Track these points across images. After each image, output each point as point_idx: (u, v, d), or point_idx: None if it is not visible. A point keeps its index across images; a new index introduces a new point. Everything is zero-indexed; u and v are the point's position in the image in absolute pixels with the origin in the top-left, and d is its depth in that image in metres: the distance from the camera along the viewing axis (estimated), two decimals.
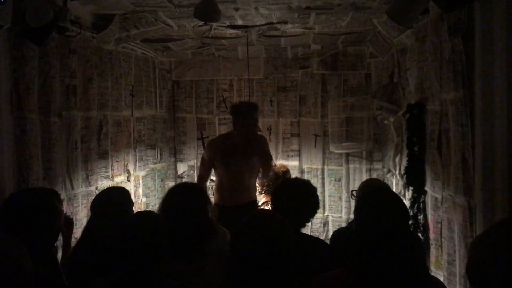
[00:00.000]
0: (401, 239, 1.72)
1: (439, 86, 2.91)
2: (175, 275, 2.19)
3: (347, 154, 5.18)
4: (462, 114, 2.53)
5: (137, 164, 4.65)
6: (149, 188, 4.96)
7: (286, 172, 4.33)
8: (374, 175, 5.05)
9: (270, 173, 4.07)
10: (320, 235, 5.13)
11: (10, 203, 2.15)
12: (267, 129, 5.37)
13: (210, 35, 4.39)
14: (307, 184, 2.59)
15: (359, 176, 5.15)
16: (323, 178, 5.25)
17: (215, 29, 4.15)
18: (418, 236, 3.27)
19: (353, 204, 3.18)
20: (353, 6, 3.46)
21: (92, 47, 3.70)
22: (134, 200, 4.42)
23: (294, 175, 4.87)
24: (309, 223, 2.56)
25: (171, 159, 5.53)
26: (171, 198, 2.46)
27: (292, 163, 5.22)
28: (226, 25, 4.00)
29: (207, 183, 4.17)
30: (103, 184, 3.87)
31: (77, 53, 3.46)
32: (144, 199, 4.82)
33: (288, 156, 5.34)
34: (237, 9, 3.51)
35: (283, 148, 5.37)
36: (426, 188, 3.28)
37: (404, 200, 3.70)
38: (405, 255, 1.70)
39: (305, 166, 5.32)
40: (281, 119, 5.38)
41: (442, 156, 2.91)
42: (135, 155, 4.60)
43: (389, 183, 4.56)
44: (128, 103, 4.46)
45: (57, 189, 3.06)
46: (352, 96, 5.12)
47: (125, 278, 1.85)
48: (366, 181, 3.24)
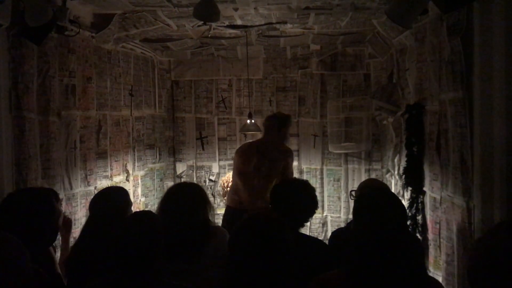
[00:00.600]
0: (399, 239, 1.72)
1: (438, 86, 2.91)
2: (173, 275, 2.19)
3: (346, 154, 5.19)
4: (461, 114, 2.53)
5: (136, 163, 4.64)
6: (148, 188, 4.95)
7: None
8: (373, 175, 5.06)
9: None
10: (319, 235, 5.14)
11: (8, 203, 2.14)
12: None
13: (210, 35, 4.39)
14: (306, 184, 2.59)
15: (358, 176, 5.15)
16: (322, 178, 5.26)
17: (214, 29, 4.15)
18: (417, 236, 3.27)
19: (352, 204, 3.18)
20: (352, 7, 3.46)
21: (91, 47, 3.70)
22: (133, 200, 4.42)
23: (293, 175, 4.87)
24: (308, 223, 2.55)
25: (170, 159, 5.53)
26: (170, 198, 2.45)
27: None
28: (225, 25, 4.00)
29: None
30: (102, 183, 3.87)
31: (76, 53, 3.46)
32: (143, 199, 4.81)
33: None
34: (236, 9, 3.51)
35: None
36: (424, 189, 3.28)
37: (402, 201, 3.71)
38: (403, 256, 1.69)
39: (304, 166, 5.32)
40: None
41: (441, 157, 2.92)
42: (134, 154, 4.60)
43: (388, 183, 4.56)
44: (127, 103, 4.45)
45: (56, 189, 3.05)
46: (351, 97, 5.13)
47: (123, 278, 1.85)
48: (365, 181, 3.24)
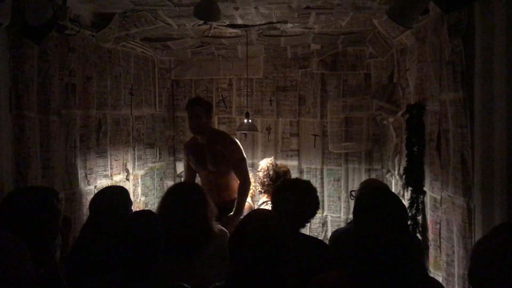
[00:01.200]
0: (400, 239, 1.72)
1: (438, 86, 2.91)
2: (173, 275, 2.19)
3: (346, 154, 5.18)
4: (461, 115, 2.53)
5: (136, 163, 4.64)
6: (148, 187, 4.95)
7: (287, 172, 4.32)
8: (373, 175, 5.05)
9: (247, 182, 4.02)
10: (319, 235, 5.13)
11: (9, 202, 2.14)
12: (266, 129, 5.37)
13: (210, 34, 4.38)
14: (307, 184, 2.59)
15: (358, 176, 5.15)
16: (322, 178, 5.25)
17: (214, 28, 4.15)
18: (417, 236, 3.27)
19: (352, 204, 3.18)
20: (353, 6, 3.46)
21: (91, 46, 3.70)
22: (133, 199, 4.42)
23: (293, 175, 4.87)
24: (308, 223, 2.55)
25: (170, 158, 5.52)
26: (170, 198, 2.46)
27: (291, 163, 5.22)
28: (226, 24, 4.00)
29: None
30: (102, 183, 3.86)
31: (76, 52, 3.45)
32: (143, 198, 4.81)
33: (287, 156, 5.34)
34: (237, 8, 3.50)
35: (282, 148, 5.37)
36: (425, 189, 3.28)
37: (403, 201, 3.71)
38: (403, 256, 1.69)
39: (304, 166, 5.32)
40: (280, 119, 5.38)
41: (441, 157, 2.91)
42: (134, 154, 4.60)
43: (388, 183, 4.56)
44: (127, 102, 4.45)
45: (56, 188, 3.05)
46: (351, 96, 5.12)
47: (123, 277, 1.85)
48: (365, 181, 3.24)
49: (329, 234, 4.96)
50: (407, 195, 3.55)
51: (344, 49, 5.06)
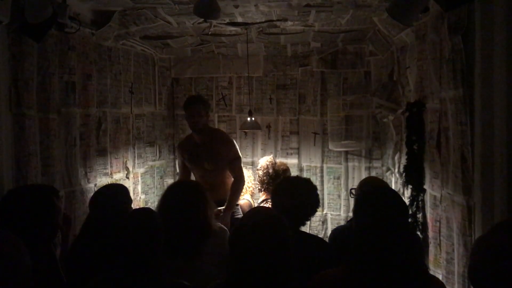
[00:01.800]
0: (400, 237, 1.72)
1: (438, 84, 2.91)
2: (173, 272, 2.20)
3: (346, 152, 5.18)
4: (461, 112, 2.53)
5: (136, 161, 4.64)
6: (148, 185, 4.95)
7: (286, 170, 4.33)
8: (373, 173, 5.05)
9: (241, 181, 4.03)
10: (319, 233, 5.14)
11: (8, 200, 2.14)
12: (266, 127, 5.37)
13: (210, 32, 4.38)
14: (307, 182, 2.58)
15: (358, 174, 5.15)
16: (322, 176, 5.25)
17: (214, 26, 4.15)
18: (417, 234, 3.27)
19: (352, 202, 3.18)
20: (353, 4, 3.45)
21: (91, 44, 3.69)
22: (133, 197, 4.41)
23: (293, 173, 4.88)
24: (308, 221, 2.55)
25: (170, 156, 5.52)
26: (170, 196, 2.46)
27: (291, 161, 5.22)
28: (225, 22, 4.00)
29: None
30: (102, 181, 3.86)
31: (76, 50, 3.45)
32: (143, 196, 4.81)
33: (287, 154, 5.34)
34: (236, 6, 3.50)
35: (282, 146, 5.37)
36: (425, 187, 3.28)
37: (403, 199, 3.71)
38: (403, 254, 1.70)
39: (304, 164, 5.31)
40: (280, 117, 5.38)
41: (441, 155, 2.91)
42: (134, 152, 4.59)
43: (388, 181, 4.57)
44: (127, 100, 4.45)
45: (56, 186, 3.05)
46: (351, 94, 5.11)
47: (123, 275, 1.85)
48: (365, 179, 3.24)
49: (329, 232, 4.96)
50: (407, 193, 3.55)
51: (344, 47, 5.06)
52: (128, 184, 4.38)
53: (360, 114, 5.08)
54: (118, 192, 2.61)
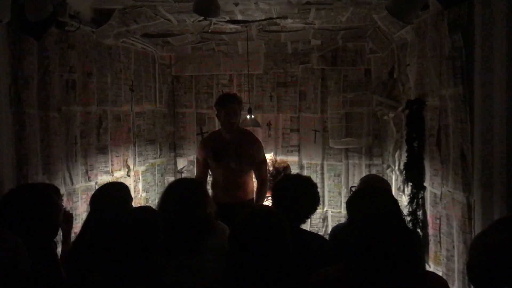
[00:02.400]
0: (394, 234, 1.72)
1: (438, 82, 2.91)
2: (174, 270, 2.20)
3: (347, 150, 5.19)
4: (461, 110, 2.53)
5: (137, 159, 4.65)
6: (148, 183, 4.96)
7: (287, 168, 4.33)
8: (374, 171, 5.06)
9: (266, 183, 3.91)
10: (320, 230, 5.15)
11: (9, 199, 2.15)
12: (267, 124, 5.37)
13: (210, 30, 4.38)
14: (308, 180, 2.59)
15: (359, 171, 5.15)
16: (322, 174, 5.26)
17: (214, 24, 4.14)
18: (417, 231, 3.28)
19: None
20: (353, 2, 3.45)
21: (91, 42, 3.70)
22: (134, 195, 4.43)
23: (294, 171, 4.88)
24: (308, 219, 2.56)
25: (171, 154, 5.53)
26: (170, 194, 2.46)
27: (291, 159, 5.23)
28: (225, 20, 3.99)
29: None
30: (103, 179, 3.87)
31: (76, 48, 3.45)
32: (143, 194, 4.82)
33: (287, 151, 5.35)
34: (236, 4, 3.49)
35: (282, 144, 5.38)
36: (425, 184, 3.29)
37: (403, 196, 3.72)
38: (399, 251, 1.70)
39: (304, 162, 5.32)
40: (280, 114, 5.38)
41: (441, 152, 2.92)
42: (135, 150, 4.60)
43: (388, 178, 4.57)
44: (128, 98, 4.45)
45: (57, 184, 3.06)
46: (351, 92, 5.12)
47: (123, 273, 1.85)
48: (365, 177, 3.23)
49: (329, 229, 4.97)
50: (408, 190, 3.56)
51: (344, 44, 5.05)
52: (129, 182, 4.39)
53: (361, 111, 5.09)
54: (119, 191, 2.61)
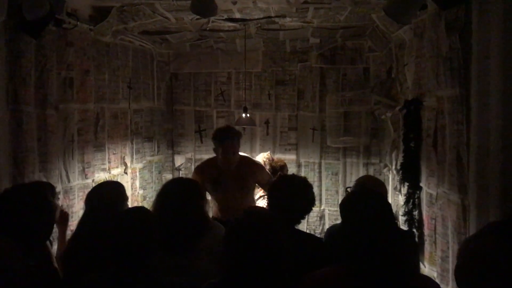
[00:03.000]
0: (387, 237, 1.73)
1: (436, 82, 2.91)
2: (170, 270, 2.21)
3: (345, 149, 5.19)
4: (458, 111, 2.53)
5: (134, 156, 4.65)
6: (146, 180, 4.97)
7: (283, 166, 4.34)
8: (371, 170, 5.07)
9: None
10: (316, 229, 5.16)
11: (4, 199, 2.15)
12: (265, 123, 5.38)
13: (208, 28, 4.37)
14: (304, 181, 2.59)
15: (356, 170, 5.16)
16: (320, 172, 5.27)
17: (213, 22, 4.14)
18: (413, 231, 3.29)
19: None
20: (351, 1, 3.45)
21: (89, 40, 3.69)
22: (131, 192, 4.44)
23: (291, 169, 4.89)
24: (304, 219, 2.56)
25: (169, 151, 5.53)
26: (166, 193, 2.46)
27: (289, 157, 5.24)
28: (224, 18, 3.99)
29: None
30: (100, 176, 3.88)
31: (74, 46, 3.44)
32: (141, 192, 4.83)
33: (285, 150, 5.35)
34: (234, 3, 3.49)
35: (280, 142, 5.38)
36: (421, 184, 3.29)
37: (399, 196, 3.73)
38: (394, 252, 1.71)
39: (302, 160, 5.33)
40: (279, 112, 5.38)
41: (437, 153, 2.92)
42: (132, 147, 4.60)
43: (385, 178, 4.58)
44: (126, 96, 4.45)
45: (53, 182, 3.07)
46: (350, 91, 5.12)
47: (118, 273, 1.86)
48: (361, 178, 3.24)
49: (326, 227, 4.98)
50: (404, 190, 3.56)
51: (343, 43, 5.05)
52: (126, 180, 4.40)
53: (359, 110, 5.09)
54: (114, 189, 2.61)
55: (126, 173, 4.43)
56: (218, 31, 4.54)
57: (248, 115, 4.58)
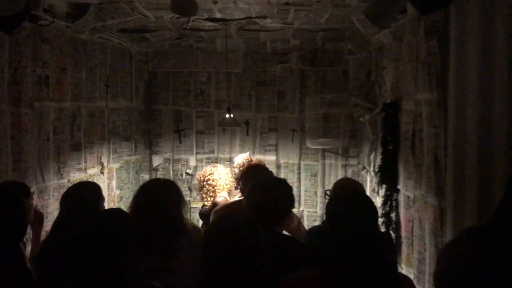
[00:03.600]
0: (372, 239, 1.74)
1: (414, 86, 2.94)
2: (147, 272, 2.17)
3: (324, 150, 5.22)
4: (435, 115, 2.56)
5: (111, 156, 4.58)
6: (123, 180, 4.89)
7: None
8: (349, 171, 5.10)
9: None
10: None
11: None
12: (245, 123, 5.36)
13: (188, 27, 4.33)
14: (283, 182, 2.58)
15: (335, 171, 5.19)
16: (299, 173, 5.28)
17: (193, 21, 4.10)
18: (389, 233, 3.32)
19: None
20: (332, 4, 3.46)
21: (66, 37, 3.62)
22: (107, 193, 4.37)
23: (271, 170, 4.87)
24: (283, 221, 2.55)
25: (146, 151, 5.46)
26: (143, 195, 2.42)
27: (269, 158, 5.24)
28: (204, 17, 3.95)
29: None
30: (76, 176, 3.80)
31: (50, 43, 3.38)
32: (117, 192, 4.75)
33: (265, 150, 5.35)
34: (215, 2, 3.46)
35: (260, 143, 5.38)
36: (399, 187, 3.32)
37: (377, 197, 3.76)
38: (375, 254, 1.71)
39: (282, 161, 5.33)
40: (259, 113, 5.38)
41: (415, 156, 2.95)
42: (109, 147, 4.53)
43: (363, 180, 4.61)
44: (103, 94, 4.38)
45: (28, 182, 3.00)
46: (330, 93, 5.14)
47: (93, 275, 1.82)
48: (340, 180, 3.25)
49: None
50: (382, 192, 3.59)
51: (323, 45, 5.07)
52: (103, 180, 4.33)
53: (338, 112, 5.12)
54: (90, 190, 2.55)
55: (102, 173, 4.36)
56: (198, 31, 4.50)
57: (232, 116, 4.56)
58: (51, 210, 3.41)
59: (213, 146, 5.43)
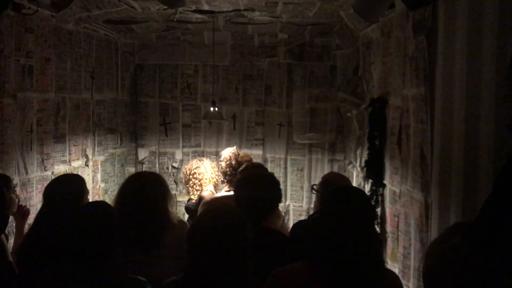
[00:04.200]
0: (365, 235, 1.74)
1: (401, 82, 2.95)
2: (131, 266, 2.15)
3: (310, 145, 5.22)
4: (422, 111, 2.57)
5: (96, 148, 4.52)
6: (108, 173, 4.84)
7: (249, 161, 4.30)
8: (336, 166, 5.12)
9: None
10: None
11: None
12: (232, 117, 5.33)
13: (175, 19, 4.28)
14: (271, 177, 2.57)
15: (321, 166, 5.20)
16: (285, 168, 5.28)
17: (180, 13, 4.06)
18: (375, 229, 3.33)
19: (314, 197, 3.20)
20: None
21: (50, 26, 3.54)
22: (92, 185, 4.32)
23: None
24: (270, 216, 2.54)
25: (132, 144, 5.41)
26: (128, 188, 2.40)
27: (255, 152, 5.22)
28: (192, 9, 3.91)
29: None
30: (60, 169, 3.75)
31: (34, 32, 3.30)
32: (102, 185, 4.70)
33: (252, 145, 5.33)
34: None
35: (247, 137, 5.35)
36: (385, 182, 3.34)
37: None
38: (364, 250, 1.71)
39: (268, 156, 5.32)
40: (246, 107, 5.35)
41: (401, 151, 2.96)
42: (94, 139, 4.47)
43: (349, 174, 4.63)
44: (88, 86, 4.31)
45: (10, 174, 2.95)
46: (317, 87, 5.14)
47: (75, 269, 1.79)
48: (328, 175, 3.24)
49: (291, 223, 5.00)
50: (368, 187, 3.61)
51: (311, 39, 5.06)
52: (87, 172, 4.27)
53: (325, 107, 5.12)
54: (73, 183, 2.51)
55: (87, 165, 4.30)
56: (185, 23, 4.46)
57: (217, 109, 4.53)
58: (34, 202, 3.35)
59: (200, 139, 5.40)
